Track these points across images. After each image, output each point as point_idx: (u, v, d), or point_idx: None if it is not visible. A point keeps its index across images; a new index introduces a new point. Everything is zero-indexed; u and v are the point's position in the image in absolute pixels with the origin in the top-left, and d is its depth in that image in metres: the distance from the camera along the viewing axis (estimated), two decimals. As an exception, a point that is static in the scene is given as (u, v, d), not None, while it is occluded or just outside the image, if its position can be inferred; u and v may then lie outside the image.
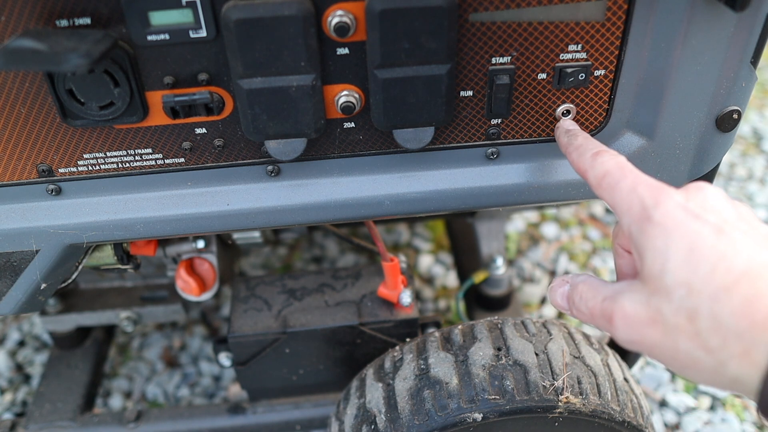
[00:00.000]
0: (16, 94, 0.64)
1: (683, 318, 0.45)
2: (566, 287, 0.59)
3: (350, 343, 0.96)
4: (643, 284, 0.49)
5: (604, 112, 0.71)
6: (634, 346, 0.50)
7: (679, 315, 0.45)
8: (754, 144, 1.98)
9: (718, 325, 0.43)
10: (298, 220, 0.75)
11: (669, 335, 0.46)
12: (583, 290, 0.56)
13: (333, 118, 0.68)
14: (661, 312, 0.46)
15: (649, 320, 0.47)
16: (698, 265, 0.45)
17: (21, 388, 1.38)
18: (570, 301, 0.59)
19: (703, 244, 0.45)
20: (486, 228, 1.34)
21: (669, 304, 0.46)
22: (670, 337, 0.46)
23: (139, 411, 1.08)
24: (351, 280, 1.01)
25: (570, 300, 0.59)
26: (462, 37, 0.64)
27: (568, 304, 0.59)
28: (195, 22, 0.60)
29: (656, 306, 0.47)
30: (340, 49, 0.63)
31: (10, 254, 0.74)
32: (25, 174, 0.70)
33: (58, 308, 1.13)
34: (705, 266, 0.44)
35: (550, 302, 0.62)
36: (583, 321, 0.57)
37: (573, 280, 0.59)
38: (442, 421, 0.73)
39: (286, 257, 1.65)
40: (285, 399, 1.06)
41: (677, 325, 0.45)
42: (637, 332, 0.48)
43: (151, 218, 0.73)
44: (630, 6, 0.63)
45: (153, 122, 0.67)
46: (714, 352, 0.44)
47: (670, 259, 0.46)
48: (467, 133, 0.71)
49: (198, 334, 1.48)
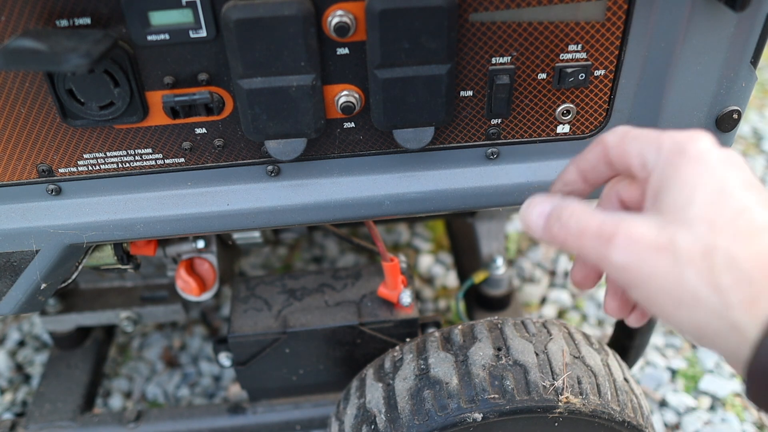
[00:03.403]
0: (16, 94, 0.64)
1: (698, 251, 0.44)
2: (547, 207, 0.54)
3: (350, 343, 0.96)
4: (658, 214, 0.47)
5: (604, 112, 0.71)
6: (625, 272, 0.47)
7: (694, 247, 0.44)
8: (754, 144, 1.98)
9: (734, 265, 0.43)
10: (298, 220, 0.75)
11: (677, 265, 0.44)
12: (578, 209, 0.51)
13: (333, 118, 0.68)
14: (675, 241, 0.45)
15: (658, 246, 0.45)
16: (725, 207, 0.44)
17: (21, 388, 1.38)
18: (551, 218, 0.53)
19: (733, 190, 0.45)
20: (486, 228, 1.34)
21: (687, 235, 0.44)
22: (678, 267, 0.44)
23: (139, 411, 1.08)
24: (351, 280, 1.01)
25: (551, 217, 0.53)
26: (462, 37, 0.64)
27: (546, 222, 0.53)
28: (195, 22, 0.60)
29: (671, 234, 0.45)
30: (340, 49, 0.63)
31: (10, 254, 0.74)
32: (25, 174, 0.70)
33: (58, 308, 1.13)
34: (732, 209, 0.44)
35: (521, 219, 0.56)
36: (560, 242, 0.52)
37: (561, 201, 0.54)
38: (442, 421, 0.73)
39: (286, 257, 1.65)
40: (285, 399, 1.06)
41: (690, 257, 0.44)
42: (639, 256, 0.46)
43: (151, 218, 0.73)
44: (630, 6, 0.63)
45: (153, 122, 0.67)
46: (722, 292, 0.43)
47: (698, 193, 0.45)
48: (467, 133, 0.71)
49: (198, 334, 1.48)
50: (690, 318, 0.45)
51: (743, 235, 0.43)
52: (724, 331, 0.44)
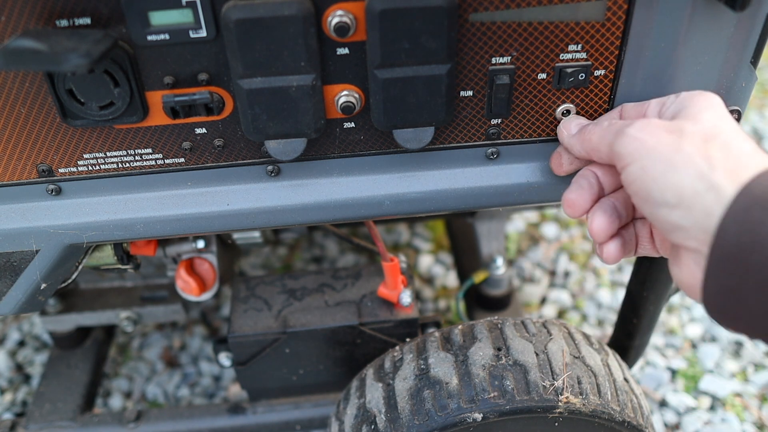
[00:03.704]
0: (16, 94, 0.64)
1: (700, 135, 0.52)
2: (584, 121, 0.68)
3: (350, 343, 0.96)
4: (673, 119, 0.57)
5: (604, 112, 0.71)
6: (633, 144, 0.55)
7: (698, 133, 0.53)
8: (754, 144, 1.97)
9: (726, 148, 0.51)
10: (298, 220, 0.75)
11: (680, 140, 0.52)
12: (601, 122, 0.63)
13: (333, 118, 0.68)
14: (683, 127, 0.54)
15: (668, 127, 0.54)
16: (729, 120, 0.55)
17: (21, 388, 1.38)
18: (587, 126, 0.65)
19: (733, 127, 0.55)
20: (486, 228, 1.34)
21: (693, 125, 0.54)
22: (680, 141, 0.52)
23: (139, 411, 1.08)
24: (351, 280, 1.01)
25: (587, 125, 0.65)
26: (462, 37, 0.64)
27: (582, 127, 0.66)
28: (195, 22, 0.60)
29: (680, 124, 0.54)
30: (340, 49, 0.63)
31: (10, 254, 0.74)
32: (25, 174, 0.70)
33: (58, 308, 1.13)
34: (733, 123, 0.55)
35: (561, 128, 0.68)
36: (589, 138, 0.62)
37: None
38: (442, 421, 0.73)
39: (286, 257, 1.65)
40: (285, 399, 1.06)
41: (692, 137, 0.52)
42: (649, 131, 0.54)
43: (151, 218, 0.73)
44: (630, 6, 0.63)
45: (153, 122, 0.67)
46: (711, 159, 0.51)
47: (709, 110, 0.56)
48: (467, 133, 0.71)
49: (198, 334, 1.48)
50: (675, 180, 0.52)
51: (740, 135, 0.53)
52: (702, 190, 0.50)
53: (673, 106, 0.59)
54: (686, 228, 0.52)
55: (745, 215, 0.48)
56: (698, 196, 0.50)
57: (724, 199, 0.49)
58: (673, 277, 0.58)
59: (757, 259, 0.46)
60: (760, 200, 0.47)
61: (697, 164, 0.51)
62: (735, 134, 0.53)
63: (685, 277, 0.56)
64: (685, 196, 0.51)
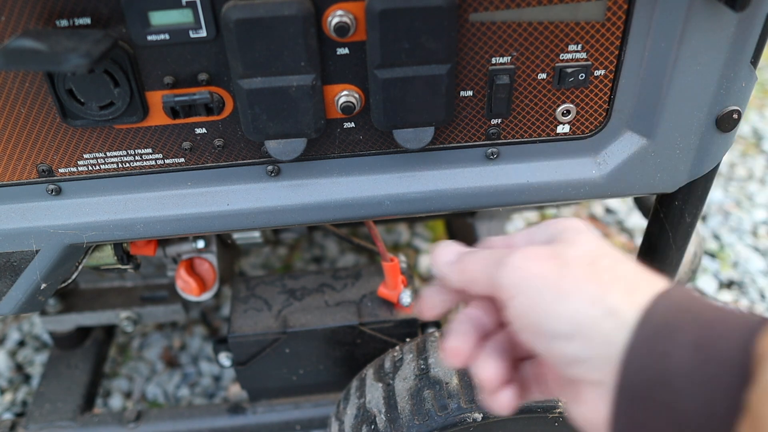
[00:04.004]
0: (16, 94, 0.64)
1: (585, 260, 0.49)
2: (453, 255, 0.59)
3: (350, 343, 0.96)
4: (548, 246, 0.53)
5: (604, 112, 0.71)
6: (518, 271, 0.50)
7: (581, 258, 0.49)
8: (754, 144, 1.98)
9: (614, 271, 0.48)
10: (298, 220, 0.75)
11: (564, 266, 0.49)
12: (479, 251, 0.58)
13: (333, 118, 0.68)
14: (565, 253, 0.50)
15: (549, 255, 0.50)
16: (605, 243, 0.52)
17: (21, 388, 1.38)
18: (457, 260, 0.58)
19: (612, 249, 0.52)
20: (486, 228, 1.34)
21: (575, 250, 0.50)
22: (565, 268, 0.48)
23: (139, 411, 1.08)
24: (351, 280, 1.01)
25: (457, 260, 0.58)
26: (462, 37, 0.64)
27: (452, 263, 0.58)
28: (195, 22, 0.60)
29: (561, 249, 0.50)
30: (340, 49, 0.63)
31: (10, 254, 0.74)
32: (25, 174, 0.70)
33: (58, 308, 1.13)
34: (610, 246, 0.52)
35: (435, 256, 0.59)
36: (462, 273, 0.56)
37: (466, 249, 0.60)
38: (442, 421, 0.73)
39: (286, 257, 1.65)
40: (285, 399, 1.06)
41: (577, 262, 0.49)
42: (530, 262, 0.50)
43: (151, 218, 0.73)
44: (630, 6, 0.63)
45: (153, 122, 0.67)
46: (602, 284, 0.47)
47: (581, 232, 0.52)
48: (467, 133, 0.71)
49: (198, 334, 1.48)
50: (567, 308, 0.47)
51: (622, 258, 0.50)
52: (599, 317, 0.46)
53: (543, 235, 0.55)
54: (586, 360, 0.47)
55: (649, 348, 0.44)
56: (596, 324, 0.46)
57: (625, 325, 0.45)
58: (574, 417, 0.53)
59: (667, 396, 0.43)
60: (662, 330, 0.44)
61: (588, 289, 0.47)
62: (616, 256, 0.50)
63: (589, 415, 0.50)
64: (582, 324, 0.47)
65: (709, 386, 0.40)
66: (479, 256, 0.55)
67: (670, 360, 0.42)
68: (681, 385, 0.42)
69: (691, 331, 0.42)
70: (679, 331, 0.43)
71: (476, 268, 0.55)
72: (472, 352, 0.56)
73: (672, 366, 0.42)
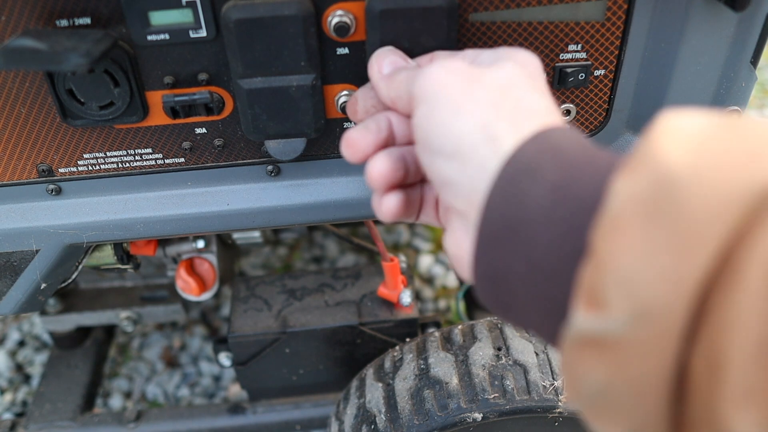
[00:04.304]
0: (16, 94, 0.64)
1: (498, 84, 0.47)
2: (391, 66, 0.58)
3: (350, 343, 0.96)
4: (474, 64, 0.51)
5: (604, 112, 0.71)
6: (429, 80, 0.48)
7: (494, 81, 0.47)
8: (754, 144, 1.97)
9: (518, 100, 0.46)
10: (298, 220, 0.75)
11: (473, 84, 0.47)
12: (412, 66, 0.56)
13: (333, 118, 0.68)
14: (483, 74, 0.48)
15: (468, 72, 0.48)
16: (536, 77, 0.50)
17: (21, 388, 1.38)
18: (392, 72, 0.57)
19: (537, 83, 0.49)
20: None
21: (493, 72, 0.48)
22: (473, 86, 0.47)
23: (139, 411, 1.08)
24: (351, 280, 1.01)
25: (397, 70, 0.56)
26: (462, 37, 0.64)
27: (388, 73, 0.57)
28: (195, 22, 0.60)
29: (482, 70, 0.48)
30: (340, 49, 0.63)
31: (10, 254, 0.74)
32: (25, 174, 0.70)
33: (58, 308, 1.13)
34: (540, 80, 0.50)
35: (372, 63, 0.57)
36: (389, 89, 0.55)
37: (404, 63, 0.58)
38: (442, 421, 0.73)
39: (286, 257, 1.65)
40: (285, 399, 1.06)
41: (488, 85, 0.47)
42: (447, 71, 0.48)
43: (151, 218, 0.73)
44: (630, 6, 0.63)
45: (153, 122, 0.67)
46: (498, 111, 0.45)
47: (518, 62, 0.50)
48: (467, 133, 0.71)
49: (198, 334, 1.48)
50: (457, 127, 0.45)
51: (540, 92, 0.48)
52: (480, 142, 0.44)
53: (487, 56, 0.52)
54: (457, 183, 0.45)
55: (509, 187, 0.41)
56: (475, 149, 0.44)
57: (499, 155, 0.43)
58: (445, 247, 0.50)
59: (523, 237, 0.40)
60: (525, 169, 0.41)
61: (483, 113, 0.45)
62: (534, 89, 0.47)
63: (453, 247, 0.48)
64: (463, 146, 0.45)
65: (561, 227, 0.38)
66: (410, 69, 0.54)
67: (527, 200, 0.40)
68: (535, 226, 0.39)
69: (553, 171, 0.40)
70: (541, 171, 0.40)
71: (402, 80, 0.53)
72: (368, 149, 0.54)
73: (528, 206, 0.40)
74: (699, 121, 0.34)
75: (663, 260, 0.31)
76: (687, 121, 0.34)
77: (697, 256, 0.30)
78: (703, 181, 0.31)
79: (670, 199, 0.31)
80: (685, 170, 0.31)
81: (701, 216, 0.30)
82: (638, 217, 0.32)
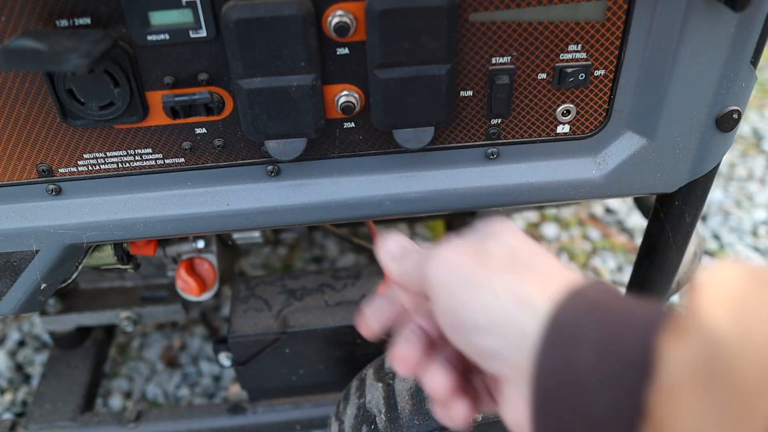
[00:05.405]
0: (16, 94, 0.64)
1: (504, 256, 0.49)
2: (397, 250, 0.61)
3: (350, 343, 0.96)
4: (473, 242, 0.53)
5: (604, 112, 0.71)
6: (441, 263, 0.51)
7: (501, 253, 0.50)
8: (754, 144, 1.98)
9: (530, 265, 0.49)
10: (298, 220, 0.75)
11: (483, 258, 0.49)
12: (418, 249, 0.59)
13: (333, 118, 0.68)
14: (486, 247, 0.51)
15: (472, 248, 0.51)
16: (529, 240, 0.53)
17: (21, 388, 1.38)
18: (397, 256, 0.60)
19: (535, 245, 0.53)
20: (486, 228, 1.33)
21: (496, 244, 0.51)
22: (484, 259, 0.49)
23: (139, 411, 1.08)
24: (351, 280, 1.01)
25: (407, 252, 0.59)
26: (462, 37, 0.64)
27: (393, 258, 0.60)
28: (195, 22, 0.60)
29: (483, 244, 0.51)
30: (340, 49, 0.63)
31: (10, 254, 0.74)
32: (25, 174, 0.70)
33: (58, 308, 1.13)
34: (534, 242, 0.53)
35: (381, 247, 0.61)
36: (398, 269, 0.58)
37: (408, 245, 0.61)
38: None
39: (286, 257, 1.65)
40: (285, 399, 1.06)
41: (496, 255, 0.49)
42: (456, 251, 0.51)
43: (151, 218, 0.73)
44: (630, 6, 0.63)
45: (153, 122, 0.67)
46: (518, 276, 0.47)
47: (506, 230, 0.53)
48: (467, 133, 0.71)
49: (198, 334, 1.48)
50: (484, 300, 0.47)
51: (546, 254, 0.51)
52: (514, 309, 0.46)
53: (477, 232, 0.55)
54: (502, 352, 0.47)
55: (556, 351, 0.43)
56: (509, 316, 0.46)
57: (537, 316, 0.45)
58: (503, 417, 0.52)
59: (577, 399, 0.42)
60: (568, 331, 0.43)
61: (504, 280, 0.47)
62: (536, 250, 0.51)
63: (513, 415, 0.49)
64: (497, 316, 0.46)
65: (614, 387, 0.40)
66: (416, 252, 0.57)
67: (576, 363, 0.42)
68: (588, 388, 0.41)
69: (595, 330, 0.42)
70: (584, 332, 0.42)
71: (411, 262, 0.56)
72: (421, 361, 0.56)
73: (579, 369, 0.42)
74: (739, 278, 0.36)
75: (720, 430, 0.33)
76: (728, 278, 0.36)
77: (751, 428, 0.32)
78: (750, 347, 0.33)
79: (721, 368, 0.34)
80: (734, 338, 0.34)
81: (753, 384, 0.33)
82: (693, 386, 0.35)
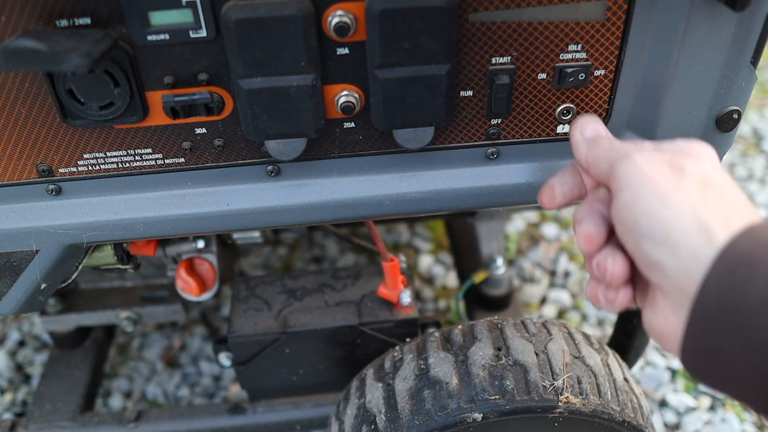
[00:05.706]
0: (16, 94, 0.64)
1: (698, 179, 0.52)
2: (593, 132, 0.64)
3: (350, 343, 0.96)
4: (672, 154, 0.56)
5: (604, 112, 0.71)
6: (636, 169, 0.53)
7: (696, 175, 0.52)
8: (754, 144, 1.98)
9: (721, 195, 0.51)
10: (298, 220, 0.75)
11: (679, 176, 0.52)
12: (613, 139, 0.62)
13: (333, 118, 0.68)
14: (685, 166, 0.53)
15: (670, 162, 0.53)
16: (724, 170, 0.55)
17: (21, 388, 1.38)
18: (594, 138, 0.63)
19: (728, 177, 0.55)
20: (486, 228, 1.34)
21: (695, 165, 0.53)
22: (679, 178, 0.51)
23: (139, 411, 1.08)
24: (351, 280, 1.01)
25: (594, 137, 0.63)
26: (462, 37, 0.64)
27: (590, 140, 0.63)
28: (195, 22, 0.60)
29: (682, 161, 0.53)
30: (340, 49, 0.63)
31: (10, 254, 0.74)
32: (25, 174, 0.70)
33: (58, 308, 1.13)
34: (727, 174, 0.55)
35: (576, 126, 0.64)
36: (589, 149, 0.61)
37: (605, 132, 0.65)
38: (442, 421, 0.73)
39: (286, 257, 1.65)
40: (285, 399, 1.06)
41: (692, 177, 0.52)
42: (651, 162, 0.53)
43: (151, 218, 0.73)
44: (630, 6, 0.63)
45: (153, 122, 0.67)
46: (707, 203, 0.50)
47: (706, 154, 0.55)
48: (467, 133, 0.71)
49: (198, 334, 1.48)
50: (667, 215, 0.50)
51: (735, 187, 0.53)
52: (693, 231, 0.49)
53: (670, 147, 0.58)
54: (667, 267, 0.50)
55: (728, 276, 0.46)
56: (686, 237, 0.49)
57: (714, 245, 0.48)
58: (646, 324, 0.55)
59: (741, 322, 0.45)
60: (743, 260, 0.46)
61: (693, 204, 0.50)
62: (728, 182, 0.53)
63: (660, 324, 0.53)
64: (673, 233, 0.49)
65: None
66: (610, 143, 0.60)
67: (746, 289, 0.45)
68: (755, 312, 0.44)
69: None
70: (758, 264, 0.45)
71: (602, 152, 0.59)
72: (603, 241, 0.59)
73: (747, 294, 0.45)
74: None
75: None
76: None
77: None
78: None
79: None
80: None
81: None
82: None
